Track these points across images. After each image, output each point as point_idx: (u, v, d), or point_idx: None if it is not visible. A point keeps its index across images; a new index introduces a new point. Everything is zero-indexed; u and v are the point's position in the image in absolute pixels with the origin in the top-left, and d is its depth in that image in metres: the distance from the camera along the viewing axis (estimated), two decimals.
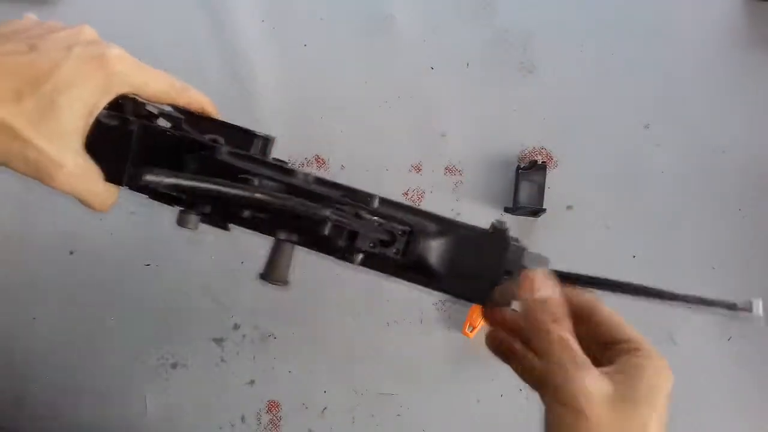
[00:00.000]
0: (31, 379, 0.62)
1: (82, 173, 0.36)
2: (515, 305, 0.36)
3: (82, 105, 0.34)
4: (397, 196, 0.41)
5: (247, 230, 0.38)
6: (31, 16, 0.36)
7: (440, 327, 0.62)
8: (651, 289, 0.34)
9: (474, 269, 0.36)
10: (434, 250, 0.36)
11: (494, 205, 0.62)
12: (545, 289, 0.33)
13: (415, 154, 0.63)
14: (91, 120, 0.35)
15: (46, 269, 0.63)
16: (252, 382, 0.62)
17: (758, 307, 0.33)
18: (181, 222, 0.37)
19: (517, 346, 0.38)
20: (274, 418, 0.62)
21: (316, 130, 0.63)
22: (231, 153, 0.37)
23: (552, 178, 0.61)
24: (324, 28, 0.65)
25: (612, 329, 0.34)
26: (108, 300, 0.63)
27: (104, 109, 0.36)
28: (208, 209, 0.38)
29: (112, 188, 0.38)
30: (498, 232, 0.36)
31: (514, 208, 0.60)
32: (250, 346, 0.63)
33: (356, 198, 0.36)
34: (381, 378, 0.62)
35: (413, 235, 0.35)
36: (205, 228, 0.41)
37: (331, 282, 0.61)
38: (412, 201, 0.62)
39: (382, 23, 0.65)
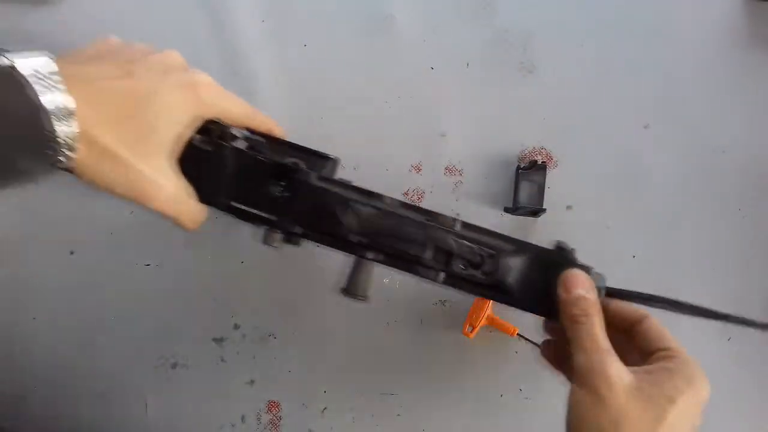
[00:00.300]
0: (31, 379, 0.62)
1: (178, 194, 0.37)
2: None
3: (178, 129, 0.36)
4: (397, 196, 0.42)
5: (331, 249, 0.39)
6: (114, 38, 0.37)
7: (440, 327, 0.62)
8: (699, 307, 0.37)
9: (541, 285, 0.38)
10: (509, 269, 0.38)
11: (494, 205, 0.62)
12: (580, 288, 0.36)
13: (415, 154, 0.63)
14: (182, 143, 0.37)
15: (46, 269, 0.63)
16: (252, 382, 0.62)
17: None
18: (267, 240, 0.40)
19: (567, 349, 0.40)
20: (274, 418, 0.62)
21: (316, 130, 0.63)
22: (321, 178, 0.39)
23: (552, 178, 0.61)
24: (324, 28, 0.65)
25: (656, 339, 0.37)
26: (108, 300, 0.63)
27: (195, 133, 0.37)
28: (299, 230, 0.39)
29: (202, 206, 0.40)
30: (561, 251, 0.39)
31: (514, 208, 0.60)
32: (250, 346, 0.63)
33: (439, 221, 0.38)
34: (381, 378, 0.62)
35: (496, 257, 0.38)
36: (205, 228, 0.41)
37: (331, 282, 0.61)
38: (412, 201, 0.62)
39: (382, 23, 0.65)
